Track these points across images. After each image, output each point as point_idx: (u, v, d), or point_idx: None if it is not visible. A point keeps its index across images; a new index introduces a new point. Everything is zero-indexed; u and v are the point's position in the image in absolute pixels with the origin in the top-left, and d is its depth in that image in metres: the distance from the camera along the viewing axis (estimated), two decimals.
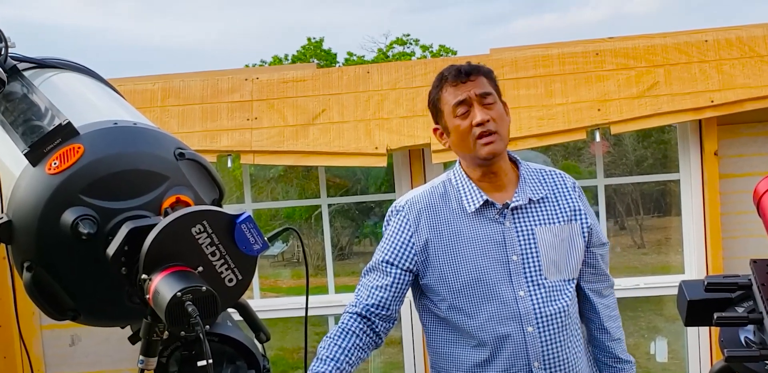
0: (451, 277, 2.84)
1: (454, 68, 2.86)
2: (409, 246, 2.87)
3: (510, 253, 2.82)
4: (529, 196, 2.87)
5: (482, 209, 2.85)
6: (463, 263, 2.83)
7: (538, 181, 2.94)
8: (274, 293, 13.62)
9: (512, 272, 2.81)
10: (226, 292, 1.66)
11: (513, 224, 2.85)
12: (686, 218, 5.14)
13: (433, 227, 2.87)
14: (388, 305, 2.89)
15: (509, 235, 2.83)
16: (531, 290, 2.82)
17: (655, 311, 11.39)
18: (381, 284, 2.88)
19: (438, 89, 2.89)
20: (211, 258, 1.64)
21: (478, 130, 2.79)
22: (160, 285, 1.56)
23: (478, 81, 2.83)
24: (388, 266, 2.89)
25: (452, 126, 2.85)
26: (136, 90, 5.06)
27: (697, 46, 4.89)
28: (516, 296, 2.80)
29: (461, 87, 2.83)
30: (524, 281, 2.82)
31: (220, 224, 1.64)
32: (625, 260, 16.57)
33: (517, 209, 2.86)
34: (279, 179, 16.04)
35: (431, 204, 2.90)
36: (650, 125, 4.89)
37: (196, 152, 1.89)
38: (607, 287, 3.05)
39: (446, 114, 2.86)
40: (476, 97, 2.81)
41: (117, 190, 1.72)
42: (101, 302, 1.78)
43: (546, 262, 2.83)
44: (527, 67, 4.99)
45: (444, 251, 2.85)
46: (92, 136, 1.76)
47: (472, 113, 2.80)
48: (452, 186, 2.92)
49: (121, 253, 1.64)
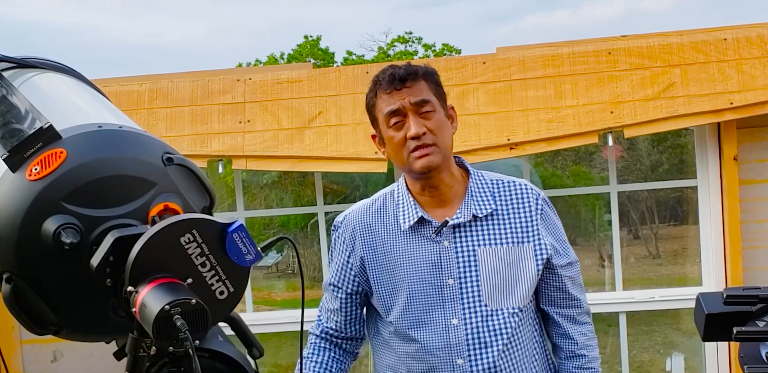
0: (388, 299, 2.76)
1: (388, 72, 2.70)
2: (348, 267, 2.81)
3: (446, 276, 2.69)
4: (473, 212, 2.71)
5: (418, 226, 2.72)
6: (398, 284, 2.73)
7: (490, 194, 2.77)
8: (267, 306, 13.61)
9: (446, 298, 2.69)
10: (216, 305, 1.65)
11: (453, 243, 2.70)
12: (704, 227, 5.13)
13: (368, 245, 2.78)
14: (345, 328, 2.90)
15: (446, 256, 2.70)
16: (466, 318, 2.68)
17: (672, 326, 11.37)
18: (333, 308, 2.88)
19: (372, 94, 2.74)
20: (201, 269, 1.63)
21: (413, 144, 2.63)
22: (147, 298, 1.55)
23: (414, 87, 2.66)
24: (335, 290, 2.86)
25: (386, 136, 2.71)
26: (121, 91, 5.07)
27: (715, 45, 4.90)
28: (448, 324, 2.68)
29: (395, 94, 2.65)
30: (459, 307, 2.68)
31: (211, 234, 1.63)
32: (639, 271, 16.54)
33: (458, 227, 2.71)
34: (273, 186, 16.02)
35: (366, 220, 2.80)
36: (666, 129, 4.90)
37: (185, 157, 1.89)
38: (581, 314, 2.89)
39: (381, 123, 2.72)
40: (411, 106, 2.64)
41: (101, 197, 1.72)
42: (85, 315, 1.77)
43: (487, 287, 2.69)
44: (536, 67, 4.99)
45: (379, 271, 2.76)
46: (75, 140, 1.75)
47: (407, 124, 2.64)
48: (392, 200, 2.81)
49: (105, 264, 1.63)
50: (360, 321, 2.91)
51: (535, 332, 2.84)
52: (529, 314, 2.80)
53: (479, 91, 4.97)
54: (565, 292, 2.83)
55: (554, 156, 14.87)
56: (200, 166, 5.14)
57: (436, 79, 2.74)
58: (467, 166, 2.82)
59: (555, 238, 2.81)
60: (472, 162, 4.03)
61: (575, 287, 2.86)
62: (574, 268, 2.85)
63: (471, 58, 5.12)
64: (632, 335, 9.69)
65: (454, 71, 4.97)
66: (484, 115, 4.90)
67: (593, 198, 13.46)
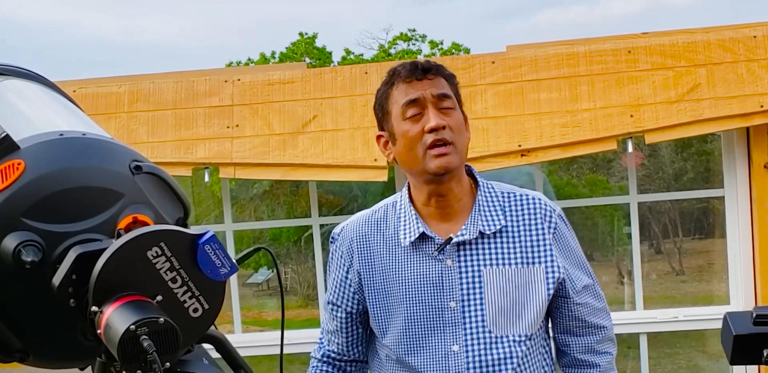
0: (383, 321, 2.73)
1: (409, 63, 2.68)
2: (347, 284, 2.78)
3: (447, 298, 2.64)
4: (480, 228, 2.65)
5: (419, 242, 2.67)
6: (395, 305, 2.70)
7: (500, 208, 2.71)
8: (258, 327, 13.58)
9: (447, 322, 2.65)
10: (190, 324, 1.65)
11: (456, 262, 2.65)
12: (732, 241, 5.14)
13: (365, 261, 2.74)
14: (347, 351, 2.87)
15: (449, 276, 2.65)
16: (468, 344, 2.64)
17: (696, 348, 11.38)
18: (333, 329, 2.86)
19: (388, 86, 2.69)
20: (172, 285, 1.63)
21: (431, 138, 2.57)
22: (111, 318, 1.54)
23: (436, 80, 2.63)
24: (334, 308, 2.83)
25: (400, 131, 2.64)
26: (99, 93, 5.07)
27: (744, 43, 4.90)
28: (448, 350, 2.65)
29: (415, 84, 2.62)
30: (461, 333, 2.64)
31: (181, 246, 1.62)
32: (661, 288, 16.55)
33: (463, 245, 2.66)
34: (264, 196, 16.03)
35: (364, 233, 2.76)
36: (691, 134, 4.91)
37: (155, 165, 1.88)
38: (602, 341, 2.82)
39: (394, 116, 2.65)
40: (432, 98, 2.61)
41: (64, 211, 1.71)
42: (52, 340, 1.76)
43: (492, 312, 2.63)
44: (549, 66, 5.00)
45: (375, 289, 2.73)
46: (34, 150, 1.75)
47: (426, 117, 2.59)
48: (394, 212, 2.77)
49: (68, 282, 1.62)
50: (363, 342, 2.87)
51: (545, 362, 2.79)
52: (538, 342, 2.74)
53: (488, 93, 4.97)
54: (580, 320, 2.78)
55: (569, 164, 14.89)
56: (185, 174, 5.17)
57: (455, 82, 2.72)
58: (476, 176, 2.78)
59: (569, 259, 2.76)
60: (480, 170, 4.02)
61: (595, 312, 2.80)
62: (588, 292, 2.79)
63: (479, 57, 5.13)
64: (654, 359, 9.69)
65: (461, 71, 4.97)
66: (494, 120, 4.91)
67: (611, 209, 13.49)
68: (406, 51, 36.25)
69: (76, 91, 4.88)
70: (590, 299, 2.78)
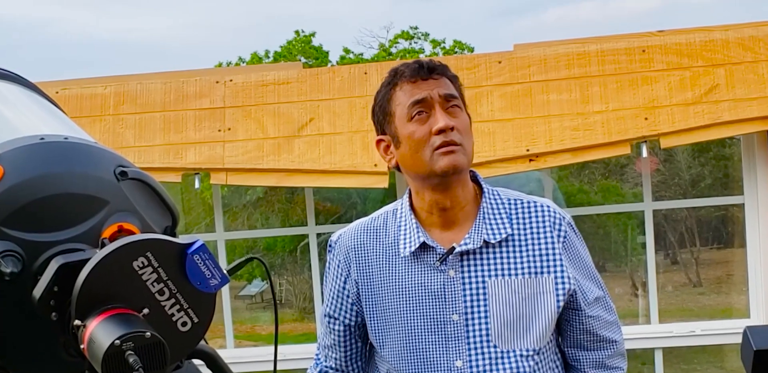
0: (384, 335, 2.73)
1: (412, 62, 2.67)
2: (344, 295, 2.78)
3: (450, 311, 2.63)
4: (485, 237, 2.63)
5: (420, 252, 2.66)
6: (393, 318, 2.69)
7: (506, 216, 2.69)
8: (251, 342, 13.59)
9: (450, 336, 2.64)
10: (178, 338, 1.64)
11: (459, 273, 2.64)
12: (752, 251, 5.14)
13: (363, 271, 2.74)
14: (346, 366, 2.86)
15: (452, 287, 2.63)
16: (472, 360, 2.63)
17: (715, 364, 11.38)
18: (330, 344, 2.85)
19: (390, 87, 2.67)
20: (159, 297, 1.62)
21: (439, 140, 2.56)
22: (95, 332, 1.54)
23: (441, 81, 2.63)
24: (331, 321, 2.83)
25: (404, 133, 2.62)
26: (83, 95, 5.08)
27: (765, 41, 4.91)
28: (451, 366, 2.63)
29: (421, 84, 2.61)
30: (465, 347, 2.63)
31: (169, 256, 1.62)
32: (678, 301, 16.57)
33: (467, 255, 2.64)
34: (257, 203, 16.04)
35: (362, 241, 2.76)
36: (708, 137, 4.92)
37: (141, 171, 1.87)
38: (613, 357, 2.81)
39: (398, 118, 2.63)
40: (439, 99, 2.60)
41: (45, 219, 1.71)
42: (32, 356, 1.76)
43: (497, 325, 2.62)
44: (559, 66, 5.00)
45: (374, 301, 2.73)
46: (13, 156, 1.74)
47: (433, 118, 2.58)
48: (394, 220, 2.77)
49: (49, 295, 1.62)
50: (363, 357, 2.87)
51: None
52: (548, 356, 2.73)
53: (494, 94, 4.98)
54: (592, 334, 2.77)
55: (580, 169, 14.88)
56: (174, 180, 5.18)
57: (459, 84, 2.71)
58: (481, 182, 2.76)
59: (580, 270, 2.75)
60: (486, 176, 4.03)
61: (607, 326, 2.79)
62: (599, 304, 2.78)
63: (485, 56, 5.13)
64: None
65: (466, 72, 4.98)
66: (500, 122, 4.91)
67: (625, 217, 13.47)
68: (407, 50, 36.26)
69: (58, 92, 4.89)
70: (602, 312, 2.77)
